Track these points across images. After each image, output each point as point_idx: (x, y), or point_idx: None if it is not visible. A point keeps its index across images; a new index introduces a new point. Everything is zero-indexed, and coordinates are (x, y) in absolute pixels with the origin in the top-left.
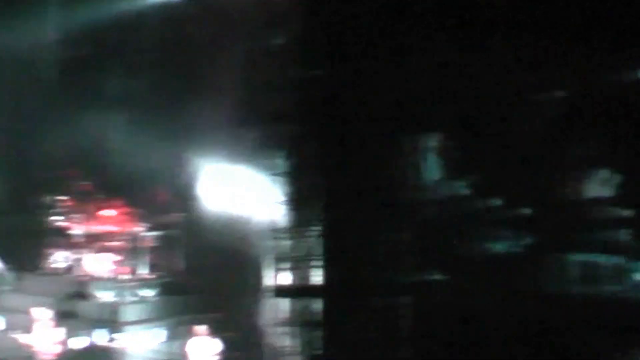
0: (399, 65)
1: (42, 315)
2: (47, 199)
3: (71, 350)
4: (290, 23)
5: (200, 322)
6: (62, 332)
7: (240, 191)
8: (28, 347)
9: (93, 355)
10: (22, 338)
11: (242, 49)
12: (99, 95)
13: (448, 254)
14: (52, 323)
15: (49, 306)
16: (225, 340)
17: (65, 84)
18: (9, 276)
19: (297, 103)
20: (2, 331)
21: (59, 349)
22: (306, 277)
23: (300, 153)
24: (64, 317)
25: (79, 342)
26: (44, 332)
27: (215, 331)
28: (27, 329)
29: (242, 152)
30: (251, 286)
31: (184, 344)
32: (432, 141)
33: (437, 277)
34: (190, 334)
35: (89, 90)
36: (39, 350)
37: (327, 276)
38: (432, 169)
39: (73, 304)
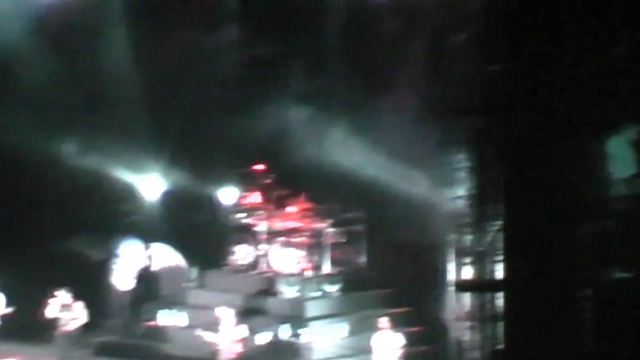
0: (583, 59)
1: (227, 312)
2: (236, 194)
3: (256, 347)
4: (473, 19)
5: (384, 317)
6: (247, 328)
7: (424, 186)
8: (213, 344)
9: (278, 351)
10: (207, 335)
11: (426, 45)
12: (286, 91)
13: (632, 250)
14: (237, 319)
15: (234, 302)
16: (409, 335)
17: (253, 80)
18: (193, 273)
19: (479, 99)
20: (187, 328)
21: (244, 345)
22: (488, 272)
23: (482, 148)
24: (250, 313)
25: (264, 338)
26: (229, 328)
27: (399, 326)
28: (212, 326)
29: (425, 147)
30: (434, 281)
31: (368, 339)
32: (616, 137)
33: (619, 273)
34: (374, 328)
35: (276, 86)
36: (224, 347)
37: (509, 270)
38: (615, 165)
39: (258, 300)
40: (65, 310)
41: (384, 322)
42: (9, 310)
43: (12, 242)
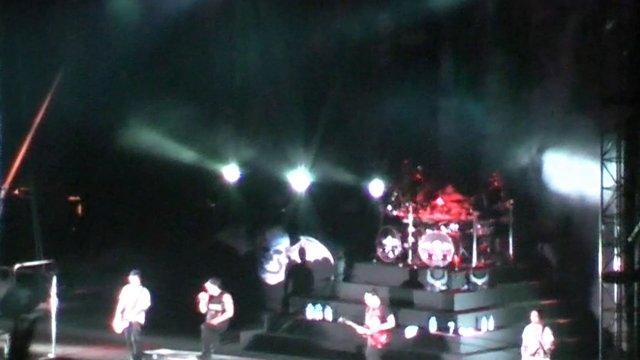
0: None
1: (372, 304)
2: (384, 187)
3: (404, 339)
4: (623, 7)
5: (532, 309)
6: (395, 320)
7: (572, 176)
8: (360, 335)
9: (426, 344)
10: (354, 327)
11: (577, 34)
12: (433, 82)
13: None
14: (384, 311)
15: (382, 294)
16: (558, 327)
17: (400, 70)
18: (341, 266)
19: (629, 87)
20: (334, 321)
21: (391, 337)
22: (637, 262)
23: (632, 136)
24: (397, 305)
25: (412, 331)
26: (376, 320)
27: (547, 318)
28: (359, 318)
29: (574, 137)
30: (584, 272)
31: (517, 332)
32: None
33: None
34: (522, 321)
35: (422, 76)
36: (371, 338)
37: None
38: None
39: (406, 292)
40: (213, 302)
41: (532, 314)
42: (150, 305)
43: (164, 236)
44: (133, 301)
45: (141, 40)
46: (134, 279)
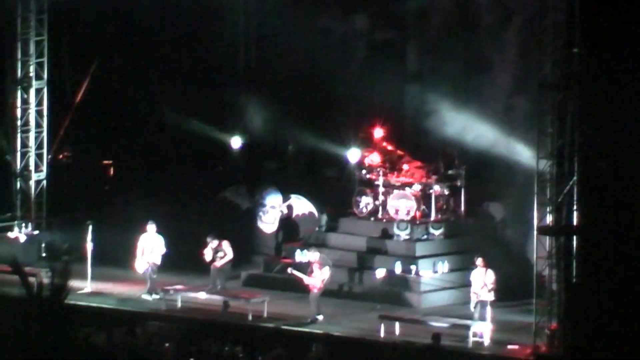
0: None
1: (313, 259)
2: (360, 154)
3: (375, 280)
4: (557, 10)
5: (479, 257)
6: (369, 263)
7: (514, 148)
8: (306, 283)
9: (393, 283)
10: (300, 276)
11: (518, 31)
12: (401, 70)
13: None
14: (322, 264)
15: (357, 244)
16: (499, 271)
17: (375, 60)
18: (324, 219)
19: (561, 76)
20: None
21: (369, 277)
22: (565, 219)
23: (563, 116)
24: (370, 252)
25: (381, 273)
26: (317, 271)
27: (490, 264)
28: (340, 262)
29: (516, 116)
30: (522, 226)
31: (467, 274)
32: None
33: None
34: (471, 266)
35: (392, 65)
36: (313, 285)
37: (583, 218)
38: None
39: (377, 241)
40: (217, 251)
41: (478, 259)
42: (165, 251)
43: (180, 194)
44: (151, 246)
45: (166, 29)
46: (151, 227)
